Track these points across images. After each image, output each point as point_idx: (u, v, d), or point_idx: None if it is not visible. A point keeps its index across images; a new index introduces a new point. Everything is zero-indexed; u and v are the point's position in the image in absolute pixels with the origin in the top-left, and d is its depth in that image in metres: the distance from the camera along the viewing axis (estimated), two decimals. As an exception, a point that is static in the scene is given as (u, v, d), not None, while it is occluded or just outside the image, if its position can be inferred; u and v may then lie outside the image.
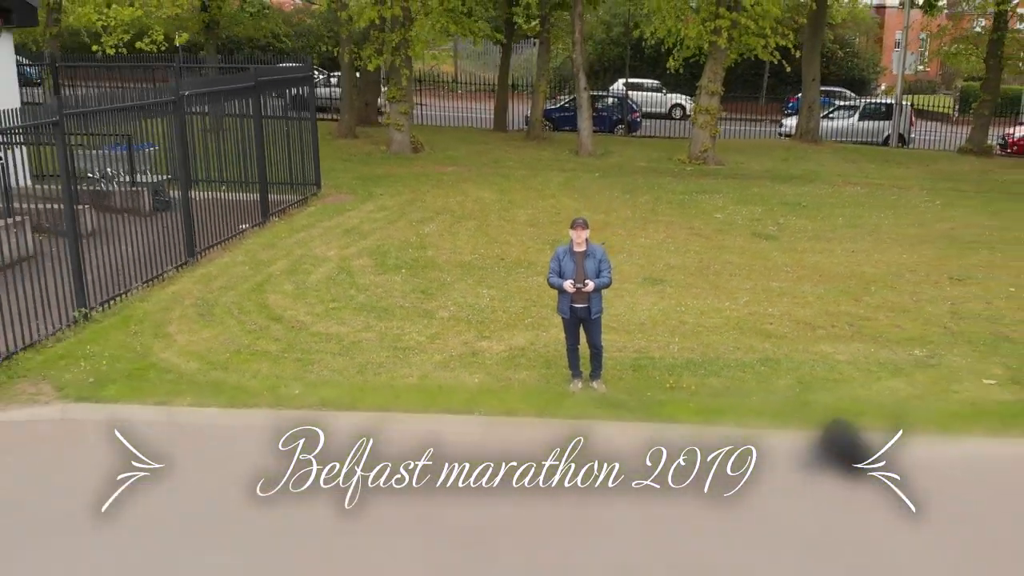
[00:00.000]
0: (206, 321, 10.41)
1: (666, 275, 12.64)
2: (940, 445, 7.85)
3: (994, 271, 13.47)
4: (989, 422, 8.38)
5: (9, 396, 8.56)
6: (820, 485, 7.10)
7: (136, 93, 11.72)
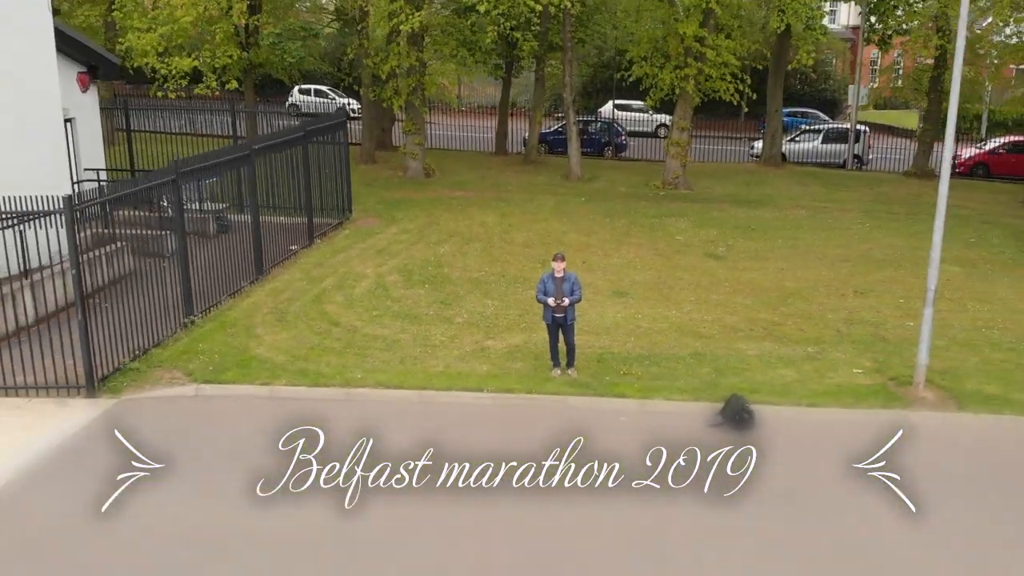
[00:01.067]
0: (283, 325, 13.76)
1: (630, 289, 15.99)
2: (805, 412, 11.23)
3: (893, 286, 16.81)
4: (846, 399, 11.72)
5: (152, 380, 11.90)
6: (720, 433, 10.46)
7: (224, 150, 15.07)
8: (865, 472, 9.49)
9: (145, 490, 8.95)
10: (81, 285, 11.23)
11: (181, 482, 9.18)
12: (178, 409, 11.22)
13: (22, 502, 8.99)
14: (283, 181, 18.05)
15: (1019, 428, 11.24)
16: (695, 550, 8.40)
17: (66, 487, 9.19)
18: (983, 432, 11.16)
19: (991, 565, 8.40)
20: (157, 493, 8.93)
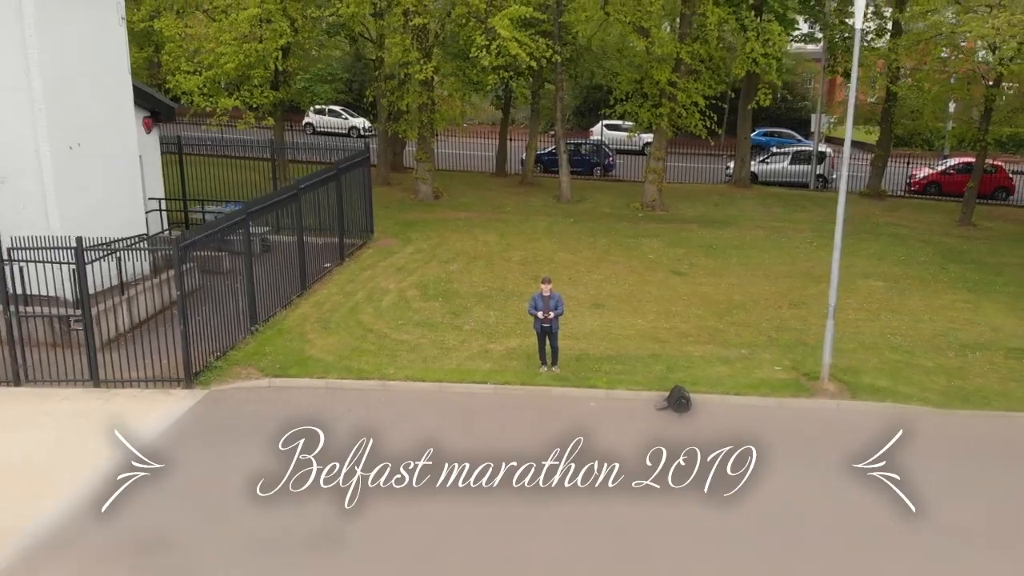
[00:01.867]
0: (328, 332, 17.18)
1: (606, 301, 19.42)
2: (736, 399, 14.65)
3: (822, 298, 20.05)
4: (764, 389, 15.13)
5: (232, 375, 15.29)
6: (676, 420, 13.87)
7: (279, 192, 18.47)
8: (761, 440, 12.91)
9: (238, 455, 12.36)
10: (184, 303, 14.64)
11: (261, 451, 12.58)
12: (257, 397, 14.63)
13: (160, 448, 12.40)
14: (320, 208, 21.41)
15: (893, 411, 14.64)
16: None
17: (178, 449, 12.59)
18: (864, 414, 14.58)
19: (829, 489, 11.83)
20: (243, 457, 12.32)
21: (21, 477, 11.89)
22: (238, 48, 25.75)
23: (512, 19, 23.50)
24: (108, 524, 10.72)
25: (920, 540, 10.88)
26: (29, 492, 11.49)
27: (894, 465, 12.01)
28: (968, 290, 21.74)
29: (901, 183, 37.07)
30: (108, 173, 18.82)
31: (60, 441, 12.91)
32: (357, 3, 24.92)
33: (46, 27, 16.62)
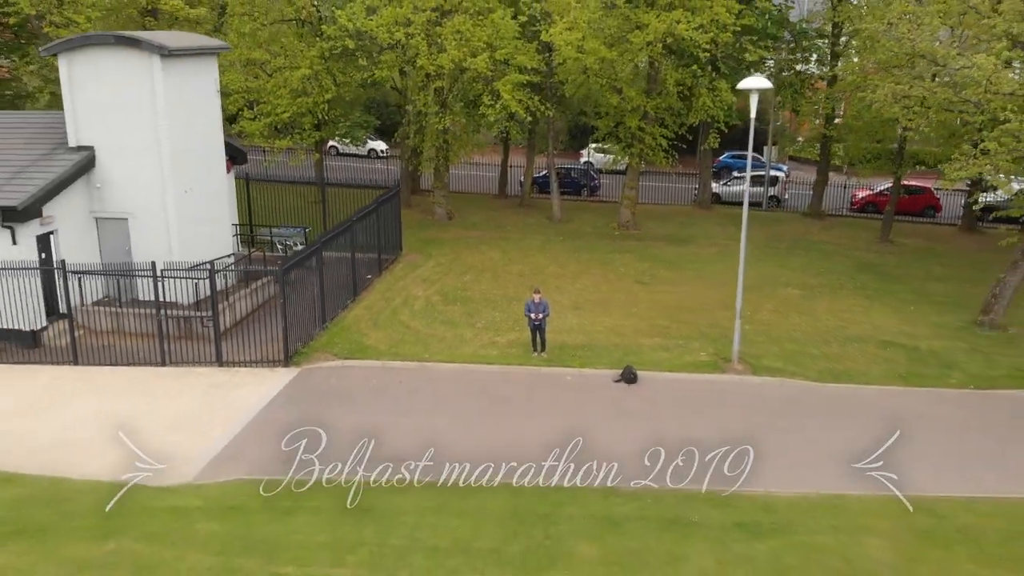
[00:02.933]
0: (377, 328, 23.07)
1: (584, 305, 25.32)
2: (671, 375, 20.56)
3: (748, 303, 26.06)
4: (690, 368, 21.04)
5: (314, 359, 21.16)
6: (627, 389, 19.76)
7: (341, 224, 24.40)
8: (676, 396, 18.81)
9: (350, 414, 18.27)
10: (285, 306, 20.54)
11: (350, 406, 18.50)
12: (337, 372, 20.53)
13: (273, 411, 18.28)
14: (365, 233, 27.23)
15: (777, 383, 20.53)
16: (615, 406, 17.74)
17: (296, 408, 18.49)
18: (757, 385, 20.48)
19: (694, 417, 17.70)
20: (348, 415, 18.22)
21: (188, 425, 17.78)
22: (291, 101, 31.68)
23: (513, 83, 29.44)
24: (249, 449, 16.62)
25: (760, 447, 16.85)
26: (197, 433, 17.38)
27: (756, 413, 17.96)
28: (866, 296, 27.68)
29: (847, 202, 42.94)
30: (208, 208, 24.80)
31: (206, 402, 18.82)
32: (388, 68, 30.86)
33: (170, 107, 22.57)
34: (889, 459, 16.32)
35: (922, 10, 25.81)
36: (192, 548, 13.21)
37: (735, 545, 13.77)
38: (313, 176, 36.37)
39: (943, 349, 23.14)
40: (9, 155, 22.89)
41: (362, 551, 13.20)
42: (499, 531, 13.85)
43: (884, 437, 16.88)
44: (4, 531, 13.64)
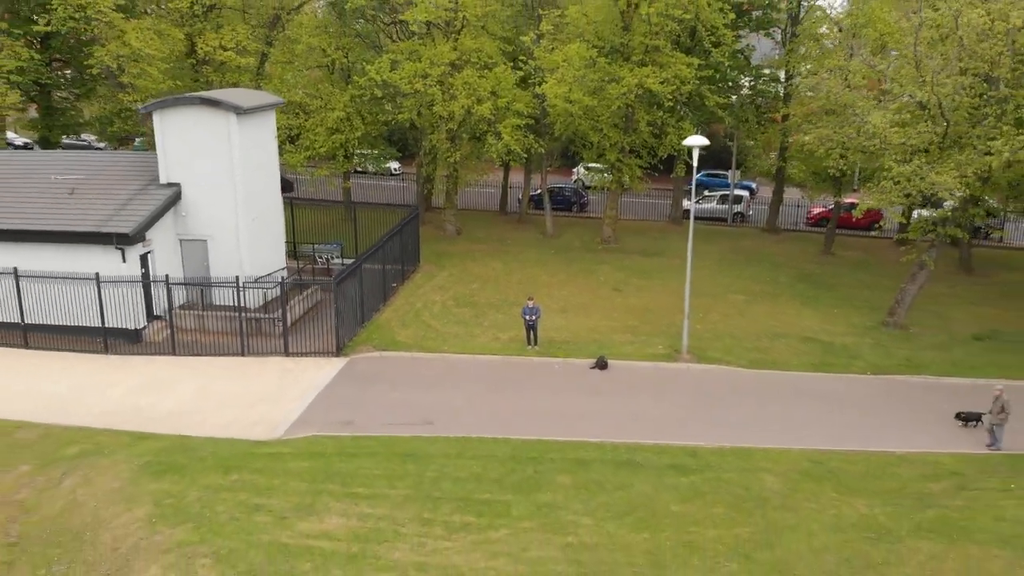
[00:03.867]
0: (404, 327, 28.72)
1: (570, 309, 30.96)
2: (635, 363, 26.22)
3: (701, 308, 31.72)
4: (650, 358, 26.69)
5: (358, 351, 26.79)
6: (600, 374, 25.41)
7: (376, 243, 30.04)
8: (635, 379, 24.45)
9: (390, 391, 23.92)
10: (340, 309, 26.16)
11: (390, 384, 24.13)
12: (377, 361, 26.16)
13: (333, 388, 23.88)
14: (392, 248, 32.82)
15: (716, 369, 26.16)
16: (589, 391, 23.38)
17: (349, 386, 24.11)
18: (701, 371, 26.12)
19: (657, 402, 23.34)
20: (388, 391, 23.86)
21: (271, 399, 23.39)
22: (327, 137, 37.33)
23: (512, 126, 35.09)
24: (319, 415, 22.26)
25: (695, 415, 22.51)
26: (279, 405, 23.01)
27: (696, 391, 23.65)
28: (800, 302, 33.35)
29: (803, 218, 48.57)
30: (268, 230, 30.46)
31: (280, 383, 24.45)
32: (409, 111, 36.51)
33: (242, 152, 28.20)
34: (789, 423, 22.00)
35: (851, 65, 31.48)
36: (290, 478, 18.83)
37: (667, 479, 19.40)
38: (336, 195, 42.03)
39: (852, 344, 28.83)
40: (110, 190, 28.51)
41: (408, 479, 18.83)
42: (502, 468, 19.49)
43: (791, 409, 22.56)
44: (157, 469, 19.24)
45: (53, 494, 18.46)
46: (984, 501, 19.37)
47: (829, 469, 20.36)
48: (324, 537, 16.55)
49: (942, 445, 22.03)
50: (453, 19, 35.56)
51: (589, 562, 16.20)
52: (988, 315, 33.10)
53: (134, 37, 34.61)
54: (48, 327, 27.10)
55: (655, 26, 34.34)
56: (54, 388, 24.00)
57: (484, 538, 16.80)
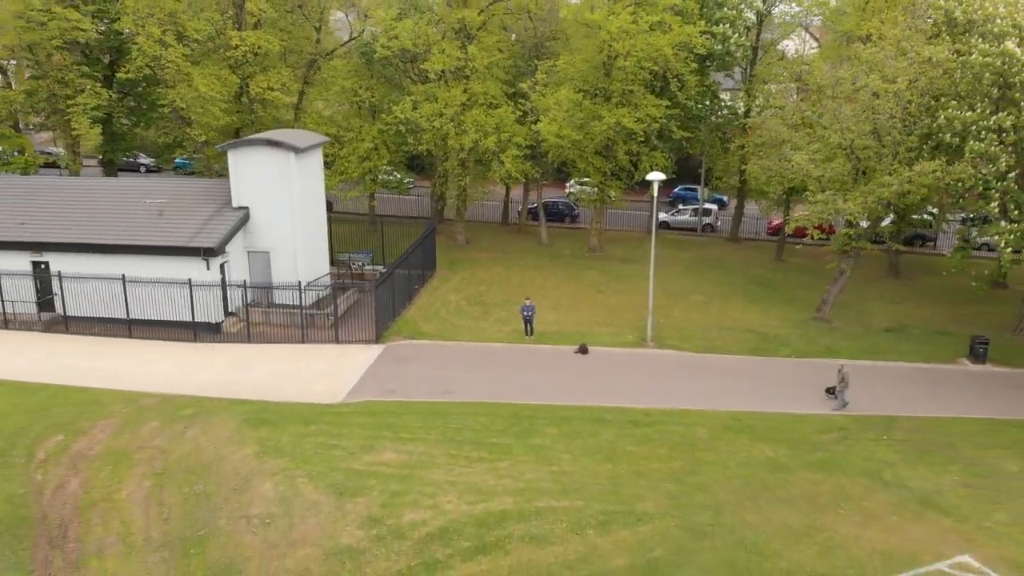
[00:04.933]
0: (427, 321, 35.46)
1: (559, 307, 37.69)
2: (609, 348, 32.99)
3: (664, 304, 38.43)
4: (622, 344, 33.43)
5: (392, 340, 33.48)
6: (582, 357, 32.17)
7: (405, 252, 36.82)
8: (609, 360, 31.15)
9: (420, 369, 30.67)
10: (378, 306, 32.90)
11: (419, 365, 30.85)
12: (407, 347, 32.88)
13: (376, 367, 30.59)
14: (415, 257, 39.51)
15: (672, 353, 32.90)
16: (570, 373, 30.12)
17: (388, 365, 30.84)
18: (660, 354, 32.86)
19: (620, 376, 30.04)
20: (418, 369, 30.59)
21: (329, 375, 30.11)
22: (358, 164, 44.07)
23: (512, 156, 41.84)
24: (368, 386, 28.99)
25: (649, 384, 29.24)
26: (336, 379, 29.72)
27: (656, 370, 30.44)
28: (749, 300, 40.08)
29: (763, 228, 55.23)
30: (316, 242, 37.21)
31: (334, 364, 31.18)
32: (427, 143, 43.22)
33: (299, 181, 34.93)
34: (721, 392, 28.79)
35: (786, 108, 38.22)
36: (353, 428, 25.54)
37: (626, 430, 26.10)
38: (363, 208, 48.66)
39: (784, 334, 35.57)
40: (191, 211, 35.24)
41: (437, 429, 25.52)
42: (505, 422, 26.19)
43: (724, 382, 29.31)
44: (255, 422, 25.92)
45: (181, 441, 25.18)
46: (860, 447, 26.13)
47: (745, 424, 27.11)
48: (383, 465, 23.31)
49: (835, 406, 28.78)
50: (463, 67, 42.26)
51: (568, 482, 22.95)
52: (903, 312, 39.86)
53: (200, 82, 41.26)
54: (148, 321, 33.83)
55: (630, 74, 41.02)
56: (160, 368, 30.74)
57: (493, 467, 23.55)
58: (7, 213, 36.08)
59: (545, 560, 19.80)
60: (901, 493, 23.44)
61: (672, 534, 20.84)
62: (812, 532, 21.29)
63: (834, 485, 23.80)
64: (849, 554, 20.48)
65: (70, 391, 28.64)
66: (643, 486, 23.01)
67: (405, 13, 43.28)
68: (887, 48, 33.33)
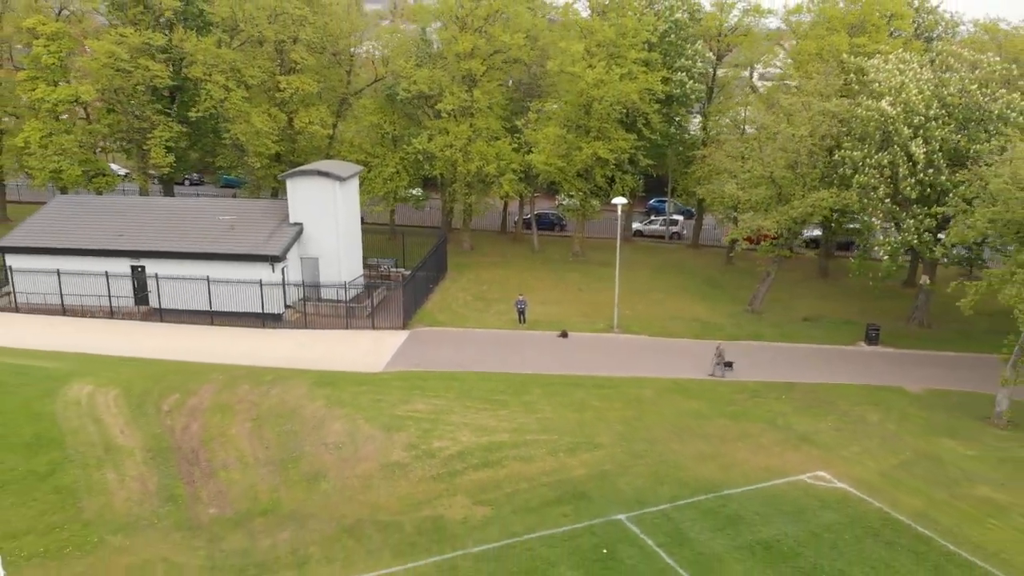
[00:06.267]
0: (442, 312, 44.11)
1: (547, 302, 46.34)
2: (585, 334, 41.70)
3: (632, 300, 47.12)
4: (594, 331, 42.12)
5: (416, 327, 42.13)
6: (563, 340, 40.86)
7: (425, 257, 45.53)
8: (584, 342, 39.86)
9: (439, 349, 39.37)
10: (405, 300, 41.57)
11: (437, 345, 39.51)
12: (428, 332, 41.51)
13: (405, 347, 39.21)
14: (431, 261, 48.10)
15: (634, 337, 41.56)
16: (558, 352, 38.82)
17: (415, 345, 39.52)
18: (626, 339, 41.53)
19: (601, 356, 38.72)
20: (437, 349, 39.26)
21: (370, 353, 38.74)
22: (383, 185, 52.74)
23: (509, 180, 50.47)
24: (400, 360, 37.67)
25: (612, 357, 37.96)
26: (375, 356, 38.35)
27: (619, 351, 39.18)
28: (699, 296, 48.79)
29: (721, 236, 63.79)
30: (353, 249, 45.91)
31: (373, 344, 39.84)
32: (439, 168, 51.89)
33: (342, 202, 43.63)
34: (667, 365, 37.54)
35: (726, 143, 46.92)
36: (391, 388, 34.14)
37: (593, 391, 34.73)
38: (383, 219, 57.33)
39: (722, 323, 44.27)
40: (256, 226, 43.85)
41: (454, 390, 34.15)
42: (503, 385, 34.82)
43: (670, 358, 38.06)
44: (320, 384, 34.51)
45: (267, 397, 33.81)
46: (764, 403, 34.84)
47: (681, 387, 35.81)
48: (416, 412, 31.95)
49: (749, 376, 37.51)
50: (469, 107, 50.93)
51: (547, 424, 31.63)
52: (822, 306, 48.58)
53: (257, 120, 49.91)
54: (225, 312, 42.47)
55: (605, 114, 49.70)
56: (239, 347, 39.36)
57: (494, 414, 32.22)
58: (109, 227, 44.70)
59: (530, 472, 28.47)
60: (787, 433, 32.14)
61: (618, 457, 29.54)
62: (717, 456, 29.99)
63: (739, 428, 32.50)
64: (741, 470, 29.16)
65: (176, 364, 37.26)
66: (601, 427, 31.71)
67: (423, 63, 51.89)
68: (802, 99, 42.06)
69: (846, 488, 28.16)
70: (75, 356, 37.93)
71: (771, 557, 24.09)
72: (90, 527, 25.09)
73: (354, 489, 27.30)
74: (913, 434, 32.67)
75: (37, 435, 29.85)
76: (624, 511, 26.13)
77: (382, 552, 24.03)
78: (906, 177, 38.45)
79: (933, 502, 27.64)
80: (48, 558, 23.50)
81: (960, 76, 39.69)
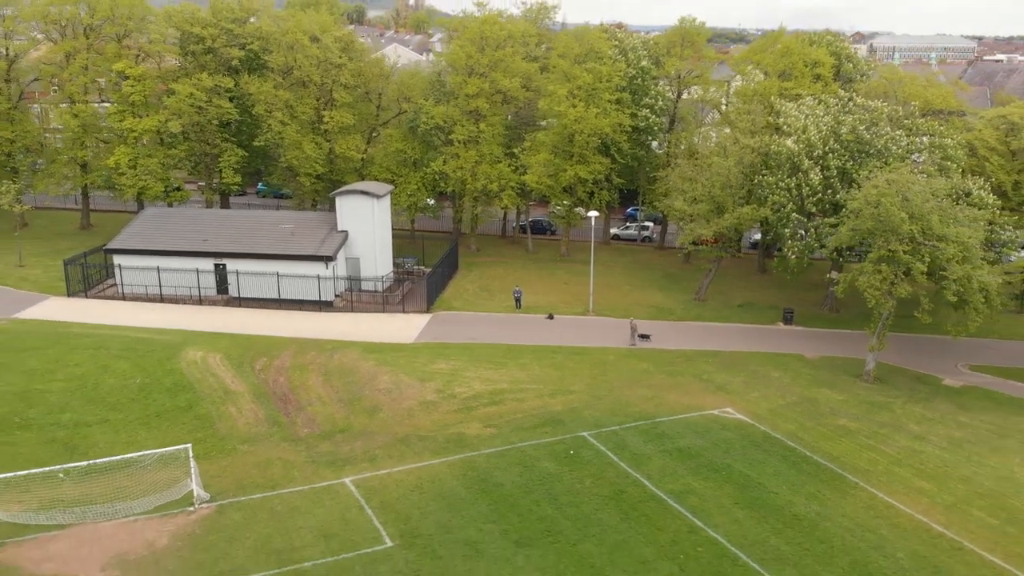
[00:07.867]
0: (457, 300, 55.45)
1: (539, 292, 57.63)
2: (567, 316, 53.14)
3: (606, 291, 58.46)
4: (574, 314, 53.49)
5: (437, 311, 53.47)
6: (549, 321, 52.26)
7: (441, 258, 57.00)
8: (568, 324, 51.28)
9: (455, 327, 50.80)
10: (429, 290, 53.02)
11: (454, 324, 50.90)
12: (446, 315, 52.83)
13: (430, 325, 50.58)
14: (446, 259, 59.39)
15: (606, 319, 52.95)
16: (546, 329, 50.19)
17: (436, 324, 50.92)
18: (601, 321, 52.94)
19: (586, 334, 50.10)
20: (453, 327, 50.65)
21: (402, 330, 50.10)
22: (406, 199, 64.16)
23: (508, 196, 61.87)
24: (426, 335, 49.08)
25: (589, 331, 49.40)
26: (406, 332, 49.69)
27: (593, 328, 50.72)
28: (658, 288, 60.17)
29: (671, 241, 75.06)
30: (385, 251, 57.39)
31: (404, 324, 51.21)
32: (452, 186, 63.27)
33: (378, 214, 55.08)
34: (626, 337, 49.02)
35: (682, 166, 58.30)
36: (422, 354, 45.50)
37: (570, 357, 46.05)
38: (402, 226, 68.76)
39: (673, 308, 55.67)
40: (312, 233, 55.19)
41: (467, 355, 45.46)
42: (504, 352, 46.12)
43: (622, 332, 49.60)
44: (368, 351, 45.80)
45: (330, 360, 45.19)
46: (695, 364, 46.24)
47: (635, 354, 47.21)
48: (440, 369, 43.34)
49: (687, 346, 48.88)
50: (476, 136, 62.33)
51: (536, 378, 43.01)
52: (756, 295, 59.98)
53: (308, 148, 61.29)
54: (289, 300, 53.87)
55: (584, 143, 61.06)
56: (303, 326, 50.67)
57: (497, 372, 43.59)
58: (196, 233, 56.05)
59: (523, 408, 39.84)
60: (708, 384, 43.55)
61: (585, 399, 40.96)
62: (654, 399, 41.40)
63: (674, 381, 43.90)
64: (670, 406, 40.52)
65: (257, 338, 48.61)
66: (575, 380, 43.13)
67: (440, 101, 63.29)
68: (733, 134, 53.40)
69: (743, 418, 39.60)
70: (179, 331, 49.26)
71: (682, 456, 35.50)
72: (225, 439, 36.49)
73: (402, 416, 38.75)
74: (801, 385, 44.09)
75: (175, 383, 41.34)
76: (587, 430, 37.55)
77: (423, 453, 35.44)
78: (808, 196, 49.84)
79: (803, 427, 39.04)
80: (202, 458, 34.79)
81: (854, 118, 51.01)
